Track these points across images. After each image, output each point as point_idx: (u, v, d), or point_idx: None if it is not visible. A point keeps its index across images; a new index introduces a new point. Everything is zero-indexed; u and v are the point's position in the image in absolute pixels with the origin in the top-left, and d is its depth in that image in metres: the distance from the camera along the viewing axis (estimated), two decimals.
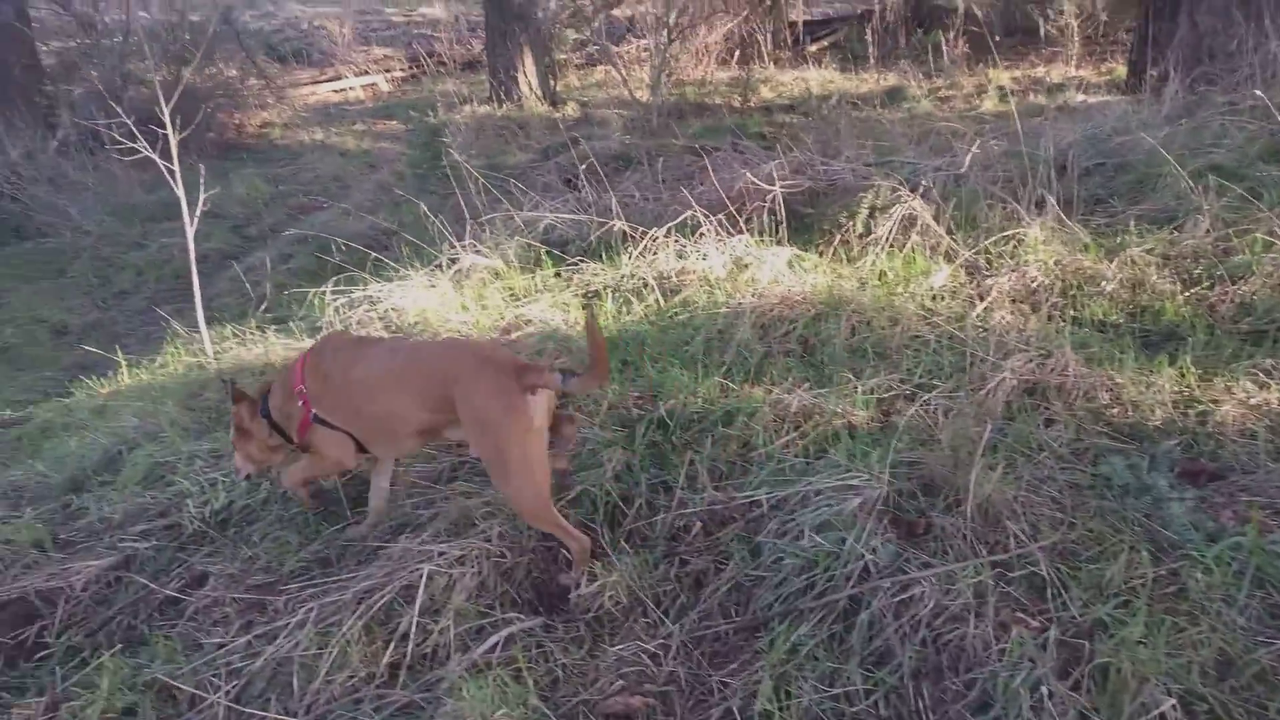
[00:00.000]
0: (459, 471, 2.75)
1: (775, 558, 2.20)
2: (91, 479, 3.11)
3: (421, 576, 2.21)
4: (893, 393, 2.84)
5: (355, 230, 7.35)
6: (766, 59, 12.63)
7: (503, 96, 11.27)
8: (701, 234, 3.95)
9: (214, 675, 2.09)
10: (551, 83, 11.84)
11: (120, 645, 2.23)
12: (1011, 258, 3.64)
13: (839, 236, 3.97)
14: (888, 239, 3.82)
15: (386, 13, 17.26)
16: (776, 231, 4.04)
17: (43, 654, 2.25)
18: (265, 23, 15.68)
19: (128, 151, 3.95)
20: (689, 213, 4.00)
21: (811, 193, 4.29)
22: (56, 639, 2.29)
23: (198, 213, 4.41)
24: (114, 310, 7.07)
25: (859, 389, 2.83)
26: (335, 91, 13.24)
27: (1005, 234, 3.73)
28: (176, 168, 4.21)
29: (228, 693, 2.03)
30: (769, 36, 12.81)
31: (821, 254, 3.94)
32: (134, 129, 4.23)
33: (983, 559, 2.11)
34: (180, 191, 4.28)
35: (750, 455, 2.66)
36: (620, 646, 2.07)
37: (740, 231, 3.98)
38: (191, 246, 4.42)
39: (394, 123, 11.81)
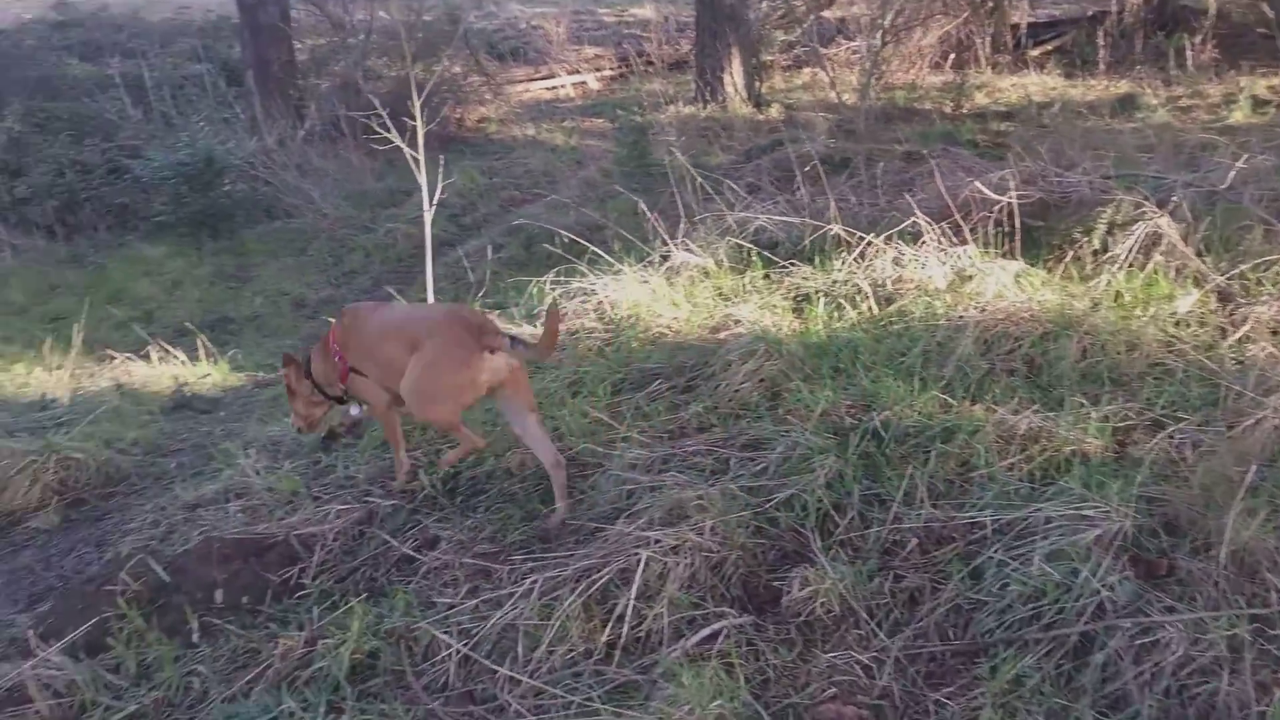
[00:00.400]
0: (670, 463, 2.82)
1: (1000, 583, 2.12)
2: (339, 440, 3.43)
3: (639, 562, 2.28)
4: (1129, 422, 2.66)
5: (563, 223, 7.66)
6: (983, 63, 12.05)
7: (707, 97, 11.37)
8: (923, 242, 3.83)
9: (446, 632, 2.25)
10: (757, 84, 11.82)
11: (365, 594, 2.46)
12: (1274, 285, 3.31)
13: (1071, 252, 3.74)
14: (1127, 258, 3.57)
15: (599, 12, 17.81)
16: (1002, 244, 3.86)
17: (301, 593, 2.51)
18: (488, 22, 16.53)
19: (363, 141, 4.36)
20: (911, 220, 3.89)
21: (1043, 205, 4.07)
22: (312, 581, 2.54)
23: (434, 200, 4.73)
24: (344, 288, 7.72)
25: (1092, 415, 2.67)
26: (547, 89, 13.81)
27: (1267, 259, 3.39)
28: (421, 157, 4.54)
29: (458, 650, 2.19)
30: (988, 40, 12.22)
31: (1051, 270, 3.73)
32: (387, 120, 4.59)
33: (1239, 610, 1.94)
34: (423, 179, 4.61)
35: (970, 475, 2.57)
36: (833, 654, 2.06)
37: (964, 242, 3.83)
38: (429, 232, 4.75)
39: (601, 120, 12.18)
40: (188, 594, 2.48)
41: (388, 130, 4.62)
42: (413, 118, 4.68)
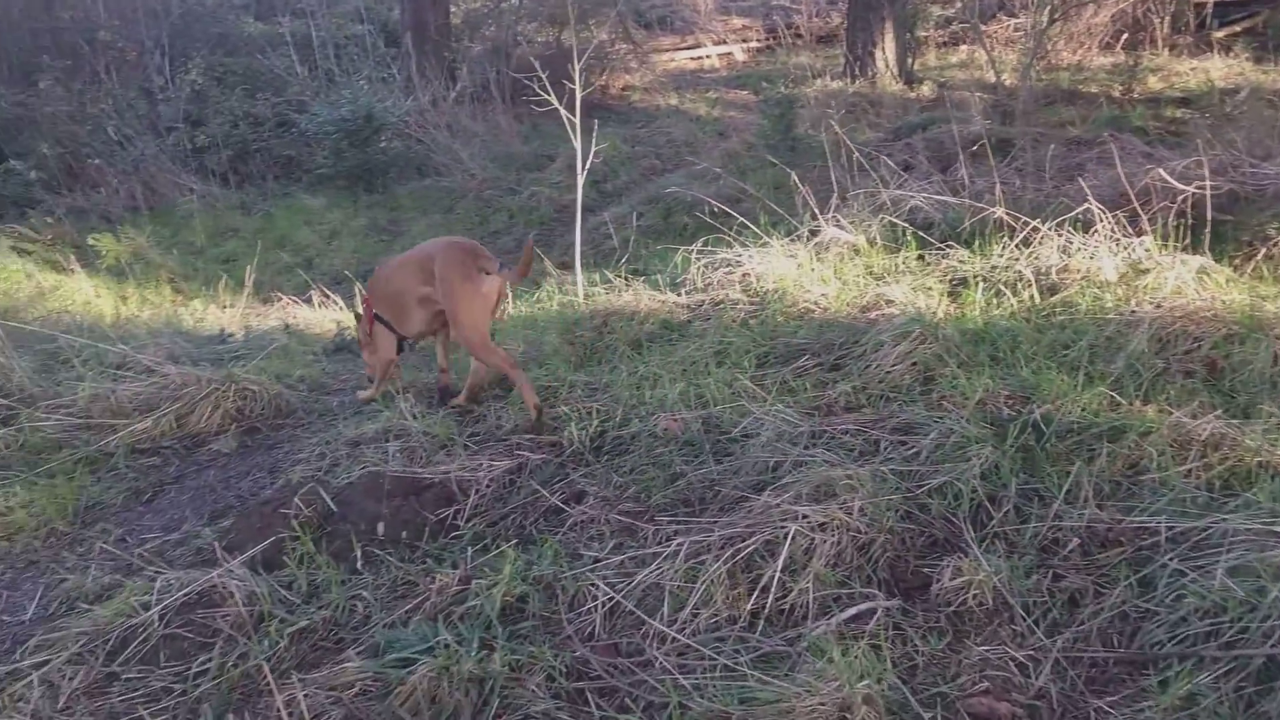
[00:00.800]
0: (818, 440, 2.80)
1: (1173, 594, 2.01)
2: (487, 391, 3.55)
3: (787, 535, 2.28)
4: None
5: (704, 194, 7.65)
6: (1160, 45, 11.25)
7: (857, 72, 11.07)
8: (1094, 231, 3.64)
9: (591, 585, 2.31)
10: (909, 60, 11.43)
11: (515, 540, 2.55)
12: None
13: (1263, 250, 3.47)
14: None
15: None
16: (1184, 237, 3.62)
17: (455, 534, 2.63)
18: None
19: (510, 104, 4.47)
20: (1083, 207, 3.69)
21: (1232, 197, 3.79)
22: (465, 523, 2.65)
23: (586, 166, 4.79)
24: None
25: None
26: (693, 59, 13.76)
27: None
28: (578, 122, 4.60)
29: (604, 603, 2.25)
30: (1167, 19, 11.38)
31: (1238, 268, 3.48)
32: (545, 83, 4.66)
33: None
34: (578, 144, 4.68)
35: (1140, 478, 2.44)
36: (985, 648, 2.00)
37: (1140, 233, 3.61)
38: (580, 196, 4.82)
39: (745, 92, 12.05)
40: (352, 524, 2.63)
41: (546, 93, 4.69)
42: (563, 83, 4.74)
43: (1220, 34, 11.50)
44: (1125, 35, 11.40)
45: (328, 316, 5.34)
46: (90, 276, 6.59)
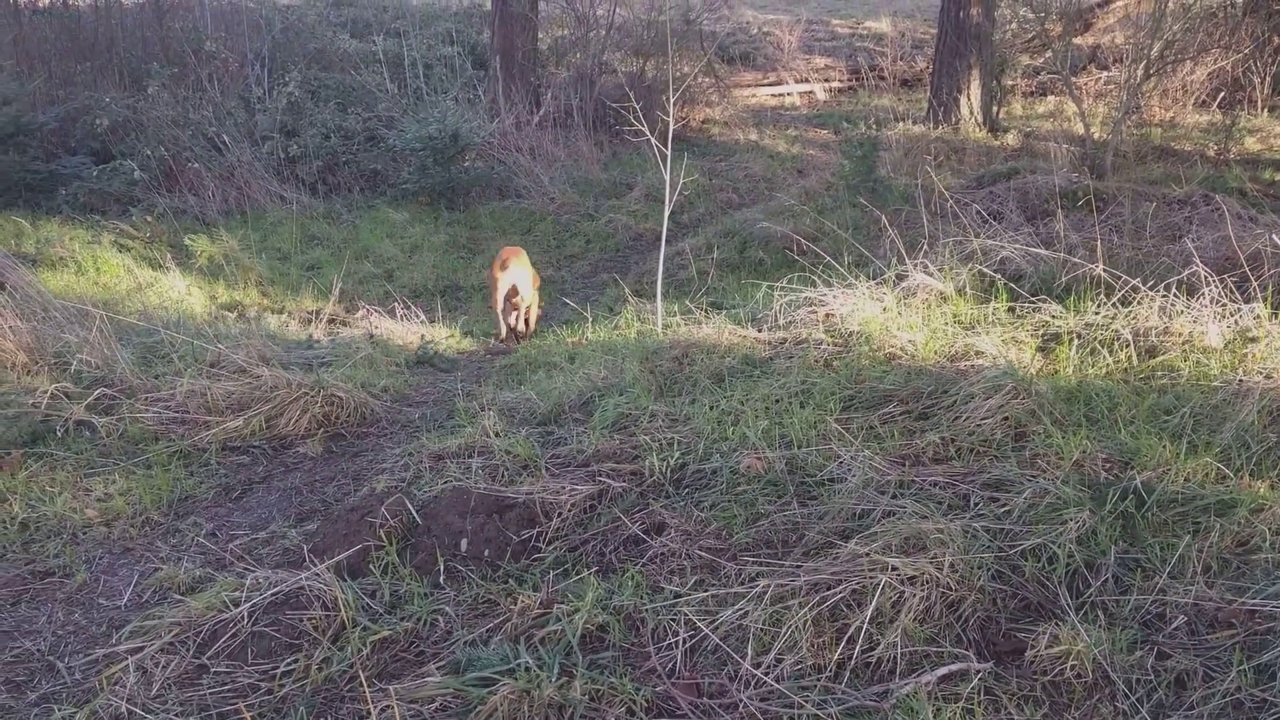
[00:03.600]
0: (906, 490, 2.75)
1: None
2: (568, 415, 3.57)
3: (876, 586, 2.24)
4: None
5: (779, 231, 7.64)
6: (1259, 105, 10.96)
7: (940, 117, 11.01)
8: (1199, 295, 3.53)
9: (673, 620, 2.29)
10: (994, 108, 11.32)
11: (595, 567, 2.55)
12: None
13: None
14: None
15: (833, 23, 17.59)
16: None
17: (536, 555, 2.63)
18: (720, 25, 16.73)
19: (592, 131, 4.58)
20: (1189, 270, 3.59)
21: None
22: (547, 546, 2.66)
23: (674, 198, 4.82)
24: (565, 269, 8.04)
25: None
26: (774, 95, 13.82)
27: None
28: (669, 152, 4.63)
29: (686, 639, 2.22)
30: (1267, 79, 11.08)
31: None
32: (638, 112, 4.72)
33: None
34: (667, 175, 4.71)
35: (1251, 557, 2.34)
36: None
37: (1248, 299, 3.50)
38: (665, 226, 4.84)
39: (825, 132, 12.06)
40: (436, 538, 2.66)
41: (639, 122, 4.75)
42: (655, 113, 4.78)
43: None
44: (1222, 94, 11.15)
45: (410, 329, 5.44)
46: (184, 275, 6.83)
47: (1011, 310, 4.05)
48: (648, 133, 4.68)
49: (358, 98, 11.23)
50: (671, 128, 4.75)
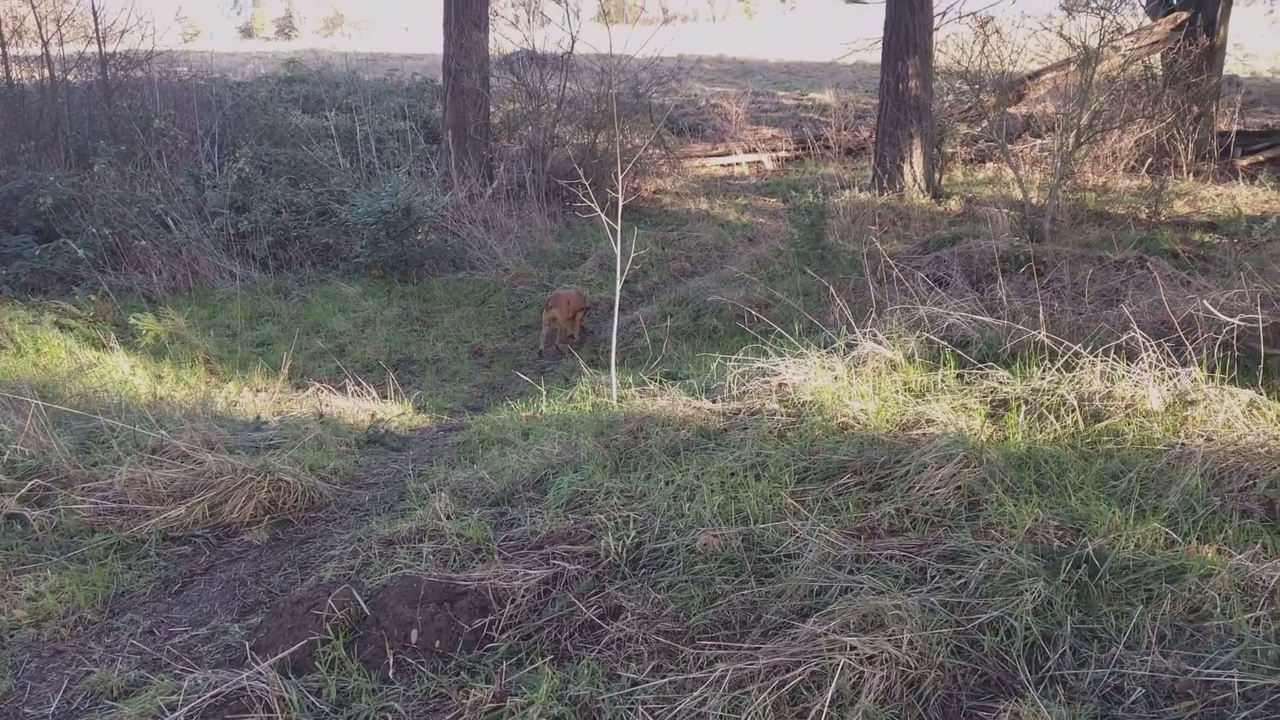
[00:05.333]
0: (863, 564, 2.73)
1: None
2: (522, 494, 3.52)
3: (835, 667, 2.20)
4: None
5: (732, 297, 7.73)
6: (1185, 170, 11.47)
7: (885, 184, 11.31)
8: (1139, 359, 3.62)
9: (630, 710, 2.23)
10: (937, 175, 11.68)
11: (550, 655, 2.48)
12: None
13: None
14: None
15: (779, 95, 18.14)
16: (1230, 368, 3.60)
17: (489, 645, 2.56)
18: (669, 98, 17.15)
19: (545, 203, 4.59)
20: (1126, 335, 3.69)
21: (1276, 330, 3.77)
22: (500, 635, 2.59)
23: (624, 272, 4.85)
24: (519, 340, 8.02)
25: None
26: (723, 165, 14.12)
27: None
28: (619, 227, 4.68)
29: None
30: (1190, 146, 11.63)
31: None
32: (588, 188, 4.78)
33: None
34: (618, 250, 4.74)
35: (1204, 624, 2.35)
36: None
37: (1185, 362, 3.59)
38: (617, 302, 4.87)
39: (774, 200, 12.32)
40: (385, 629, 2.57)
41: (589, 199, 4.80)
42: (605, 191, 4.86)
43: (1244, 162, 11.73)
44: (1150, 160, 11.64)
45: (361, 406, 5.36)
46: (128, 354, 6.67)
47: (960, 377, 4.11)
48: (597, 209, 4.73)
49: (310, 172, 11.25)
50: (621, 203, 4.81)
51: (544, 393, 4.98)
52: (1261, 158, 11.87)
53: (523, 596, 2.74)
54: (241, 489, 3.49)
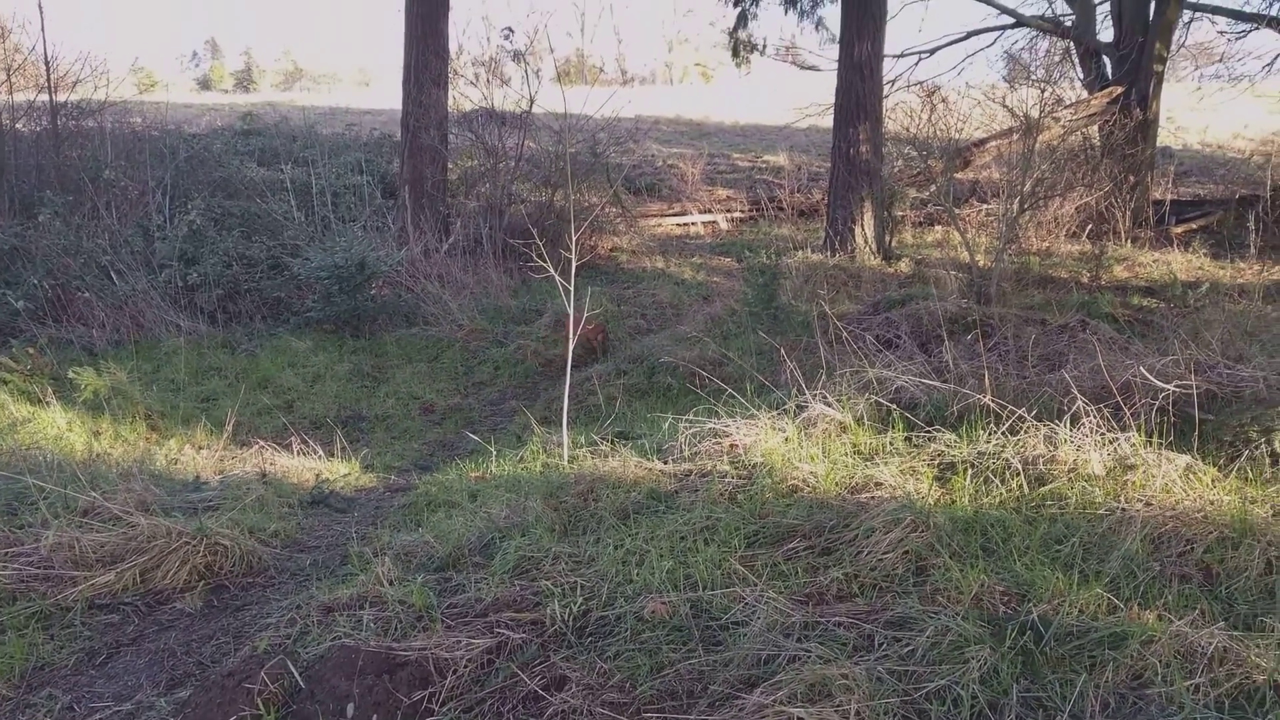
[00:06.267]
0: (811, 632, 2.71)
1: None
2: (467, 559, 3.45)
3: None
4: None
5: (686, 356, 7.77)
6: (1123, 237, 11.89)
7: (837, 246, 11.54)
8: (1080, 424, 3.69)
9: None
10: (887, 237, 11.95)
11: None
12: None
13: (1246, 452, 3.53)
14: None
15: (734, 157, 18.51)
16: (1167, 434, 3.68)
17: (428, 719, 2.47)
18: (626, 158, 17.41)
19: (502, 259, 4.58)
20: (1076, 405, 3.76)
21: (1211, 396, 3.88)
22: (441, 708, 2.51)
23: (579, 329, 4.85)
24: (471, 398, 7.95)
25: None
26: (679, 225, 14.31)
27: None
28: (573, 288, 4.69)
29: None
30: (1128, 214, 12.08)
31: (1223, 468, 3.52)
32: (542, 249, 4.80)
33: None
34: (570, 309, 4.75)
35: (1146, 691, 2.36)
36: None
37: (1124, 427, 3.67)
38: (570, 362, 4.85)
39: (729, 260, 12.48)
40: (320, 704, 2.48)
41: (543, 260, 4.82)
42: (554, 242, 4.87)
43: (1178, 230, 12.20)
44: (1090, 226, 12.05)
45: (306, 465, 5.24)
46: (65, 410, 6.48)
47: (908, 440, 4.15)
48: (551, 269, 4.74)
49: (263, 225, 11.16)
50: (574, 263, 4.83)
51: (494, 453, 4.92)
52: (1194, 226, 12.36)
53: (465, 667, 2.66)
54: (175, 553, 3.37)
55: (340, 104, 24.64)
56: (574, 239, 4.75)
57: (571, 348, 4.88)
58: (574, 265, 4.78)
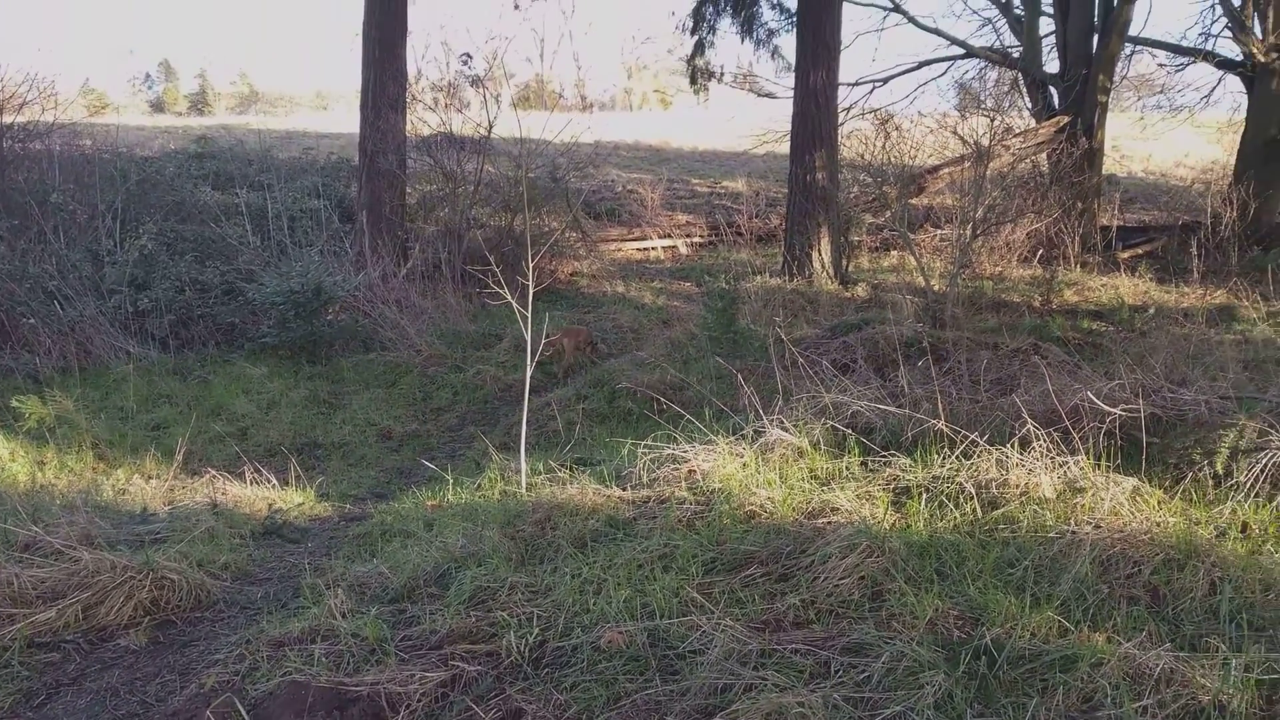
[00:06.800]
0: (768, 659, 2.71)
1: None
2: (423, 589, 3.40)
3: None
4: (1275, 676, 2.47)
5: (646, 381, 7.77)
6: (1073, 262, 12.18)
7: (794, 271, 11.67)
8: (1031, 448, 3.76)
9: None
10: (844, 263, 12.11)
11: None
12: None
13: (1190, 474, 3.62)
14: (1253, 488, 3.43)
15: (693, 182, 18.68)
16: (1114, 457, 3.76)
17: None
18: (586, 183, 17.47)
19: (461, 284, 4.54)
20: (1027, 429, 3.82)
21: (1156, 419, 3.97)
22: None
23: (535, 359, 4.84)
24: (430, 423, 7.87)
25: (1231, 663, 2.49)
26: (639, 250, 14.38)
27: None
28: (530, 314, 4.68)
29: None
30: (1077, 239, 12.38)
31: (1169, 490, 3.60)
32: (498, 275, 4.79)
33: None
34: (528, 336, 4.74)
35: (1095, 714, 2.39)
36: None
37: (1073, 451, 3.74)
38: (527, 389, 4.83)
39: (689, 284, 12.56)
40: None
41: (500, 287, 4.80)
42: (513, 267, 4.87)
43: (1125, 255, 12.53)
44: (1041, 251, 12.33)
45: (259, 495, 5.14)
46: (7, 440, 6.29)
47: (864, 464, 4.19)
48: (509, 296, 4.73)
49: (217, 250, 10.99)
50: (532, 289, 4.82)
51: (451, 481, 4.87)
52: (1140, 251, 12.70)
53: (419, 701, 2.62)
54: (120, 589, 3.27)
55: (297, 127, 24.44)
56: (531, 265, 4.75)
57: (530, 374, 4.85)
58: (531, 292, 4.77)
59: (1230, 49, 13.58)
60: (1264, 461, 3.44)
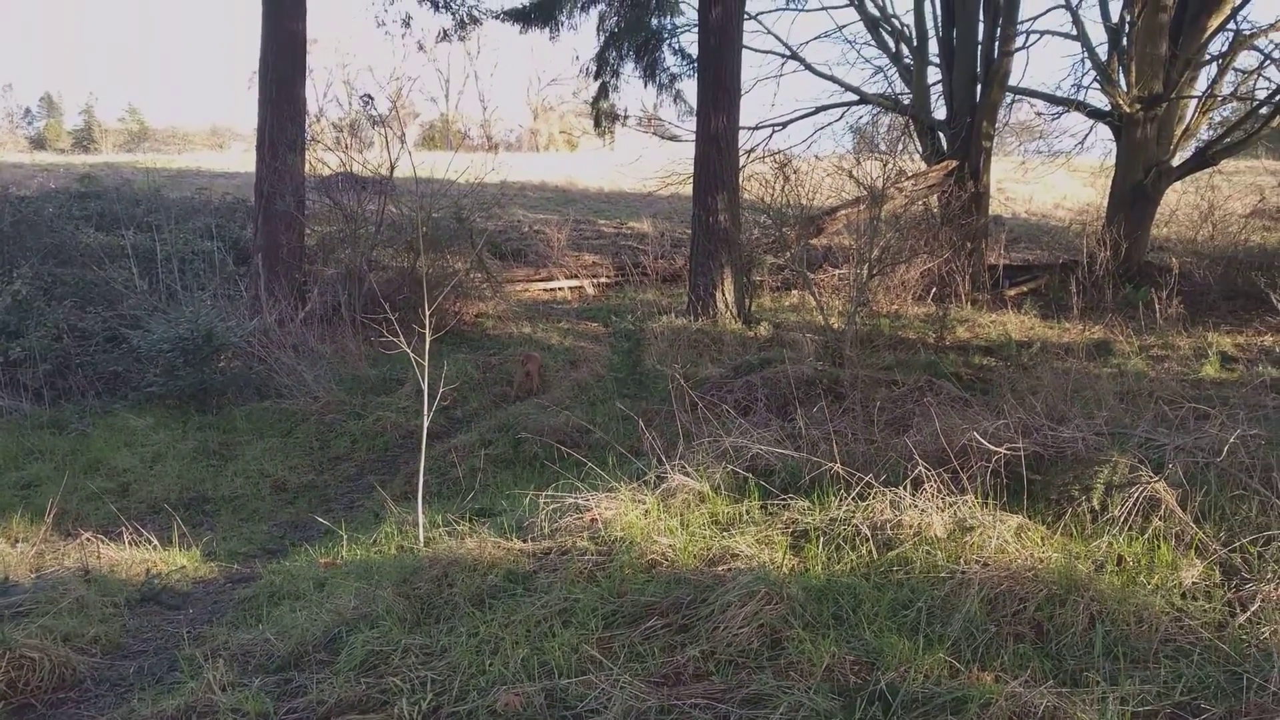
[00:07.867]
0: (667, 716, 2.67)
1: None
2: (311, 656, 3.25)
3: None
4: (1149, 707, 2.56)
5: (553, 425, 7.70)
6: (964, 299, 12.69)
7: (699, 310, 11.80)
8: (923, 488, 3.85)
9: None
10: (747, 302, 12.32)
11: None
12: (1277, 562, 3.31)
13: (1070, 510, 3.77)
14: (1126, 521, 3.59)
15: (599, 223, 18.79)
16: (1001, 495, 3.89)
17: None
18: (492, 224, 17.39)
19: (361, 328, 4.43)
20: (919, 469, 3.92)
21: (1038, 457, 4.13)
22: None
23: (434, 405, 4.74)
24: (327, 474, 7.60)
25: (1109, 697, 2.58)
26: (546, 290, 14.33)
27: (1267, 533, 3.41)
28: (427, 363, 4.59)
29: None
30: (967, 278, 12.92)
31: (1051, 527, 3.73)
32: (395, 324, 4.68)
33: None
34: (425, 385, 4.64)
35: None
36: None
37: (963, 490, 3.86)
38: (424, 437, 4.72)
39: (595, 324, 12.56)
40: None
41: (395, 336, 4.70)
42: (415, 309, 4.77)
43: (1011, 293, 13.13)
44: (934, 289, 12.81)
45: (137, 557, 4.84)
46: None
47: (764, 508, 4.22)
48: (404, 344, 4.63)
49: (100, 295, 10.47)
50: (429, 335, 4.73)
51: (344, 537, 4.70)
52: (1025, 289, 13.34)
53: None
54: None
55: (190, 166, 23.65)
56: (429, 312, 4.66)
57: (427, 423, 4.74)
58: (429, 339, 4.69)
59: (1100, 100, 14.51)
60: (1135, 495, 3.61)
